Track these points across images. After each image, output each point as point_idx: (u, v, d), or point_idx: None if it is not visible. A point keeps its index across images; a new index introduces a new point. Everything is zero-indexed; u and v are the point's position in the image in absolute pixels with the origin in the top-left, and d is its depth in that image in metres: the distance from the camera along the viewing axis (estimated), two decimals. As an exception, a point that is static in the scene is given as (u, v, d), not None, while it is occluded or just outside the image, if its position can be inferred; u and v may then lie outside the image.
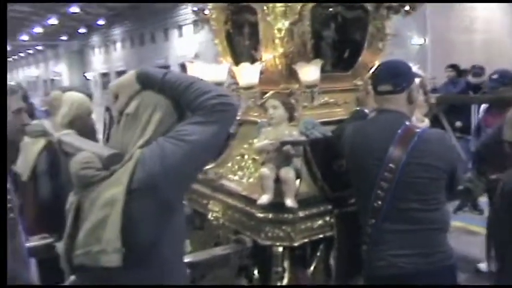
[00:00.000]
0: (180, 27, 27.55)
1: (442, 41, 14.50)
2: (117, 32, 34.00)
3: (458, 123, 5.87)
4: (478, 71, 7.35)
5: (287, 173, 2.45)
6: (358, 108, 2.87)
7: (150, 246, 1.53)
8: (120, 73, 32.08)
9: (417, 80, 2.56)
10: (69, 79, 37.52)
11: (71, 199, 1.56)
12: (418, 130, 2.34)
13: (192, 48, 26.45)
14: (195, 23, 25.17)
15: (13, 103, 2.18)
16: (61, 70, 41.43)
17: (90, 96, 3.13)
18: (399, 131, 2.32)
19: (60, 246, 1.58)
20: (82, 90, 3.16)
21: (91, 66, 38.66)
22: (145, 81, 1.61)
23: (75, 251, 1.50)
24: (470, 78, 7.10)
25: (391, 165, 2.28)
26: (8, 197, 2.09)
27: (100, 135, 3.44)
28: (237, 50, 3.18)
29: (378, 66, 2.49)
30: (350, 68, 3.03)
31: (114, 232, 1.43)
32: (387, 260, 2.32)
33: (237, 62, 3.07)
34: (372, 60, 3.07)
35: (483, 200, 5.58)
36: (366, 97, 2.86)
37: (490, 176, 3.84)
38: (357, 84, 3.02)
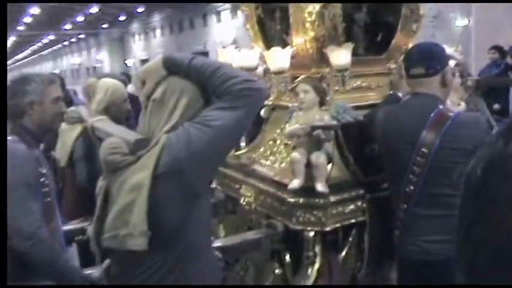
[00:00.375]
0: (218, 13, 27.51)
1: (487, 21, 14.06)
2: (156, 18, 34.20)
3: (496, 106, 5.72)
4: None
5: (318, 157, 2.44)
6: (391, 92, 2.83)
7: (175, 230, 1.56)
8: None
9: (452, 63, 2.50)
10: (110, 66, 38.09)
11: (100, 183, 1.61)
12: (451, 114, 2.29)
13: (230, 34, 26.48)
14: (233, 8, 25.20)
15: (52, 92, 2.25)
16: (102, 57, 42.11)
17: (125, 82, 3.19)
18: (432, 114, 2.28)
19: (90, 230, 1.64)
20: (116, 77, 3.21)
21: (131, 53, 39.11)
22: (172, 67, 1.63)
23: (103, 234, 1.55)
24: (509, 60, 6.88)
25: (423, 149, 2.25)
26: (46, 181, 2.17)
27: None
28: (269, 35, 3.17)
29: (411, 48, 2.44)
30: (383, 51, 2.97)
31: (140, 216, 1.46)
32: (419, 245, 2.30)
33: (268, 47, 3.05)
34: (406, 42, 3.01)
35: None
36: (399, 81, 2.81)
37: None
38: (391, 67, 2.97)
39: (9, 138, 2.16)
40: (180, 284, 1.61)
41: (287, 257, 2.72)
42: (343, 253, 2.67)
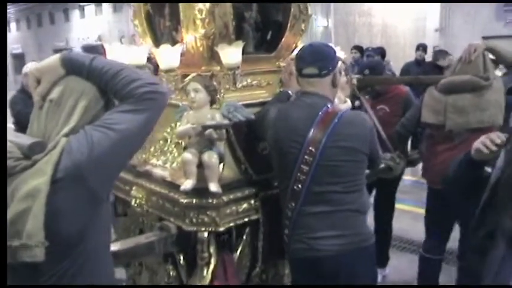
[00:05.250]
0: (81, 8, 26.56)
1: (344, 23, 15.21)
2: (10, 11, 31.82)
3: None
4: (370, 53, 7.93)
5: (210, 157, 2.40)
6: (281, 90, 2.87)
7: (77, 237, 1.47)
8: (17, 56, 30.76)
9: (339, 63, 2.58)
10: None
11: None
12: (338, 112, 2.36)
13: (95, 30, 25.71)
14: (97, 3, 24.43)
15: None
16: None
17: None
18: (320, 113, 2.33)
19: None
20: None
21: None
22: (71, 66, 1.53)
23: None
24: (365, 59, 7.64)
25: (311, 148, 2.29)
26: None
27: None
28: (157, 32, 3.08)
29: (302, 48, 2.47)
30: (273, 50, 3.00)
31: (36, 225, 1.34)
32: (306, 243, 2.35)
33: (157, 44, 2.97)
34: (294, 41, 3.06)
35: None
36: (289, 78, 2.86)
37: (409, 154, 3.99)
38: (280, 65, 3.01)
39: None
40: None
41: (181, 259, 2.67)
42: (238, 252, 2.66)
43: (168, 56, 2.62)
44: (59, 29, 28.45)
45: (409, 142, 4.04)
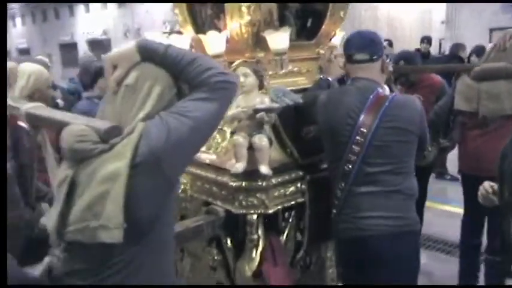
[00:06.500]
0: (86, 3, 26.50)
1: (349, 17, 15.27)
2: (15, 5, 31.41)
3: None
4: None
5: (261, 140, 2.44)
6: (321, 77, 2.90)
7: (148, 225, 1.49)
8: (22, 51, 30.67)
9: None
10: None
11: (62, 174, 1.48)
12: (389, 96, 2.41)
13: (100, 25, 25.71)
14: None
15: None
16: None
17: (48, 66, 3.00)
18: (371, 96, 2.38)
19: (48, 221, 1.51)
20: (38, 61, 3.01)
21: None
22: (146, 53, 1.56)
23: (68, 227, 1.43)
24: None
25: (362, 129, 2.34)
26: None
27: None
28: (198, 20, 3.12)
29: (352, 35, 2.51)
30: (313, 37, 3.05)
31: (116, 207, 1.38)
32: (353, 223, 2.39)
33: (198, 32, 3.02)
34: (333, 29, 3.11)
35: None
36: (328, 66, 2.90)
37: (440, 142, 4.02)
38: (319, 52, 3.06)
39: None
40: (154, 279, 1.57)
41: (228, 242, 2.71)
42: (284, 235, 2.71)
43: (215, 42, 2.67)
44: (64, 24, 28.42)
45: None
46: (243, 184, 2.49)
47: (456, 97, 3.56)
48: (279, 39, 2.58)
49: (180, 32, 3.19)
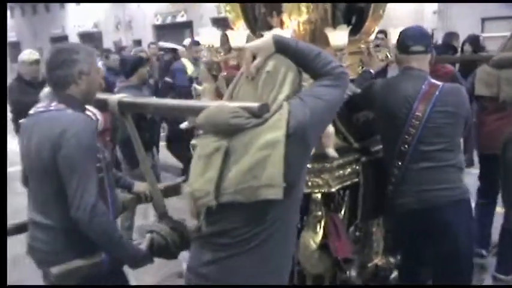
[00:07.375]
0: None
1: None
2: None
3: None
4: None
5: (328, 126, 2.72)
6: (365, 69, 3.21)
7: (296, 181, 1.81)
8: (13, 44, 30.12)
9: None
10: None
11: (215, 144, 1.76)
12: (439, 84, 2.73)
13: (91, 18, 25.48)
14: None
15: (96, 63, 2.44)
16: None
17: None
18: (423, 85, 2.70)
19: (194, 186, 1.79)
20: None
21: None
22: (281, 46, 1.85)
23: (225, 189, 1.72)
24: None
25: (417, 113, 2.67)
26: (100, 155, 2.24)
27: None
28: (250, 17, 3.38)
29: (407, 29, 2.82)
30: (356, 33, 3.33)
31: (277, 169, 1.67)
32: (411, 196, 2.72)
33: (250, 28, 3.29)
34: (373, 25, 3.40)
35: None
36: (369, 59, 3.21)
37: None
38: (361, 47, 3.35)
39: (55, 105, 2.21)
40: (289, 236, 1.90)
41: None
42: (342, 212, 3.01)
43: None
44: (54, 17, 28.15)
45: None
46: (314, 166, 2.76)
47: (477, 84, 3.93)
48: (338, 36, 2.86)
49: (231, 28, 3.45)
